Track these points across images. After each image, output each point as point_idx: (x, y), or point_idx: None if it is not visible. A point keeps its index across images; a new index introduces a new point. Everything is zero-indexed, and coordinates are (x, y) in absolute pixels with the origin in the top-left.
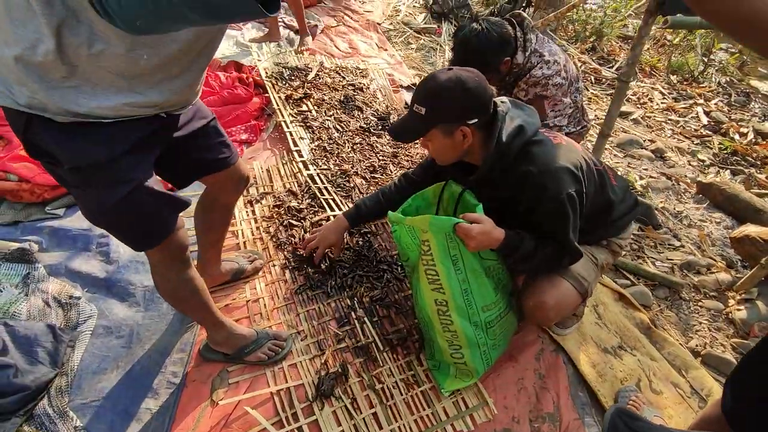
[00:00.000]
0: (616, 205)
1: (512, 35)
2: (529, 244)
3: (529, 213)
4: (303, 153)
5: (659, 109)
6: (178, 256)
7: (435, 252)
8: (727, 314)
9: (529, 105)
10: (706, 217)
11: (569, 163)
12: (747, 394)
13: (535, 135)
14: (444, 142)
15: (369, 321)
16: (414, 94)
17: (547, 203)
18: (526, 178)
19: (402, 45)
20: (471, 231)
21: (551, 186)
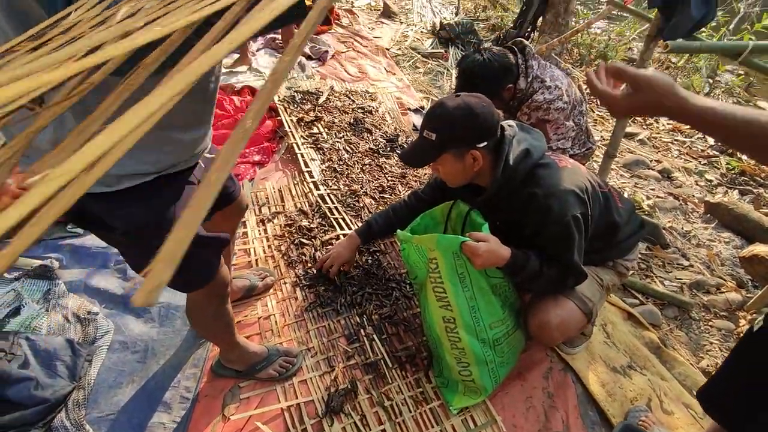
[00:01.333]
0: (622, 226)
1: (514, 63)
2: (534, 263)
3: (534, 235)
4: (314, 174)
5: (665, 130)
6: (220, 292)
7: (443, 270)
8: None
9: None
10: (714, 237)
11: (574, 185)
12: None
13: (541, 158)
14: (455, 166)
15: (378, 338)
16: (424, 120)
17: (553, 225)
18: (532, 200)
19: (410, 69)
20: (477, 249)
21: (556, 208)
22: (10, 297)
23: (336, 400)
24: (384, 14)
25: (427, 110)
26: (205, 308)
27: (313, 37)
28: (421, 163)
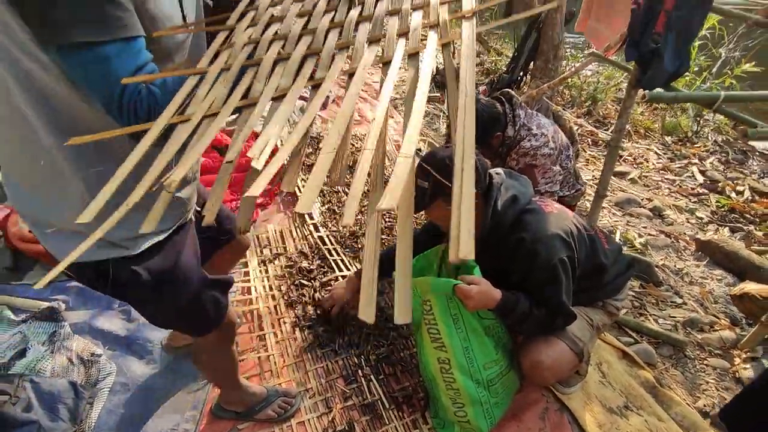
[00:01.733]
0: (609, 267)
1: (501, 113)
2: (524, 305)
3: (523, 278)
4: (314, 215)
5: (655, 169)
6: (230, 334)
7: (436, 312)
8: (733, 373)
9: (522, 173)
10: (707, 274)
11: (560, 229)
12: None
13: (528, 204)
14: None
15: (375, 379)
16: (417, 168)
17: (540, 269)
18: (520, 245)
19: None
20: (469, 292)
21: (543, 253)
22: (16, 339)
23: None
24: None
25: (420, 159)
26: (215, 351)
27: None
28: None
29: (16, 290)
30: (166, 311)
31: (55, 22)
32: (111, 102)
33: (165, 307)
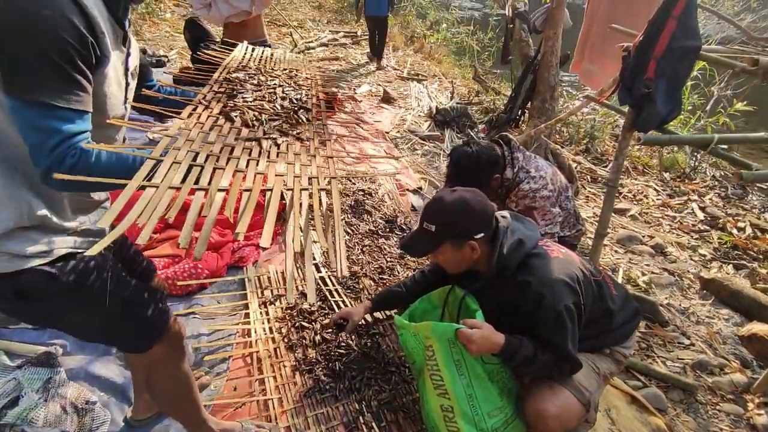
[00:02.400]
0: (616, 313)
1: (500, 155)
2: (528, 348)
3: (528, 323)
4: (315, 256)
5: (655, 205)
6: (177, 349)
7: (439, 357)
8: (747, 419)
9: (522, 214)
10: (713, 314)
11: (566, 275)
12: None
13: (534, 248)
14: (454, 255)
15: (377, 426)
16: (423, 212)
17: (546, 315)
18: (526, 289)
19: (408, 151)
20: (472, 336)
21: (549, 298)
22: (10, 386)
23: None
24: (384, 100)
25: (427, 203)
26: (169, 366)
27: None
28: (420, 253)
29: (13, 335)
30: (95, 320)
31: (26, 80)
32: (42, 147)
33: (93, 314)
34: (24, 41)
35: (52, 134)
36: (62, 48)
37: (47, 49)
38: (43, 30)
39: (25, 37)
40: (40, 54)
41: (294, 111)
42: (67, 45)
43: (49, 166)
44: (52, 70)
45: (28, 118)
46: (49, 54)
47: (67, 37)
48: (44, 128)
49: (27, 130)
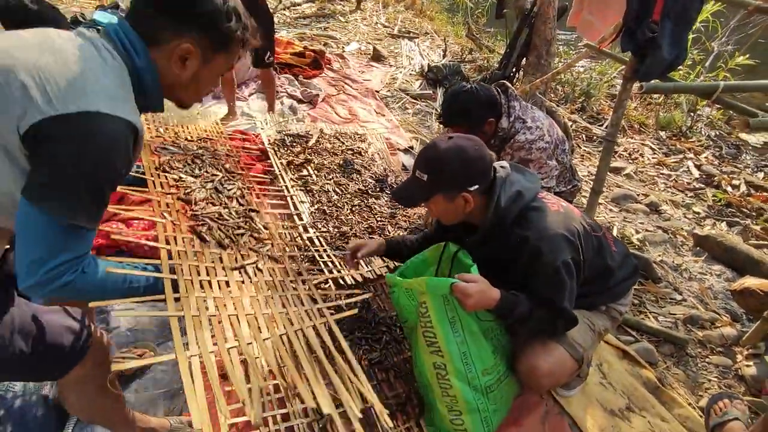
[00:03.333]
0: (615, 271)
1: (499, 100)
2: (524, 305)
3: (525, 278)
4: (303, 216)
5: (651, 164)
6: (102, 359)
7: (432, 314)
8: (736, 370)
9: None
10: (705, 270)
11: (565, 230)
12: None
13: (533, 201)
14: (446, 206)
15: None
16: (416, 160)
17: (543, 270)
18: (523, 244)
19: (399, 110)
20: (468, 290)
21: (547, 253)
22: None
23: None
24: (374, 58)
25: (420, 150)
26: (90, 382)
27: (305, 81)
28: (412, 203)
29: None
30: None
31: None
32: (45, 262)
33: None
34: (82, 168)
35: (64, 252)
36: (115, 180)
37: (103, 181)
38: (106, 164)
39: (85, 165)
40: (93, 184)
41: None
42: (119, 177)
43: (43, 281)
44: (96, 198)
45: (44, 230)
46: (102, 186)
47: (122, 170)
48: (60, 246)
49: (34, 241)
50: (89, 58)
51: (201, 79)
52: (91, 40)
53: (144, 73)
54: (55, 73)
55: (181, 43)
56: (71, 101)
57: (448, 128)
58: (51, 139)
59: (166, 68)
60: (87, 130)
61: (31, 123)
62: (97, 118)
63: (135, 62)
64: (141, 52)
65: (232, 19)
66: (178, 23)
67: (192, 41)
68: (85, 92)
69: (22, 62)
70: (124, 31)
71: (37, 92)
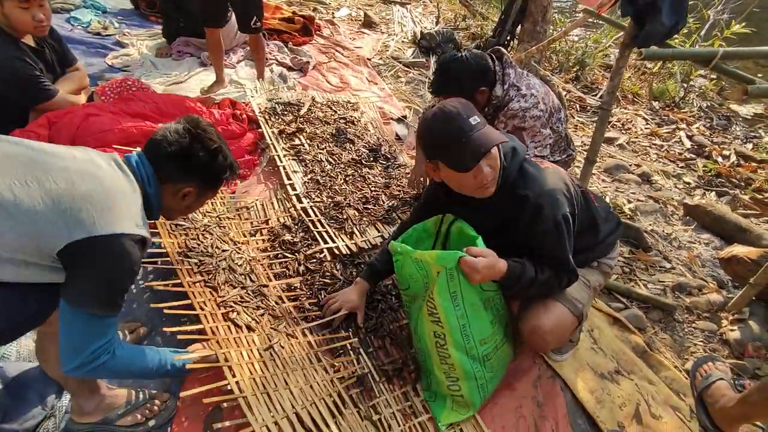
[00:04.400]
0: (601, 224)
1: (492, 68)
2: (530, 271)
3: (527, 236)
4: (296, 186)
5: (643, 134)
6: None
7: (435, 289)
8: (721, 335)
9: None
10: (694, 239)
11: (562, 184)
12: None
13: (525, 159)
14: (452, 175)
15: (365, 352)
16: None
17: (545, 226)
18: (524, 203)
19: (392, 79)
20: (476, 264)
21: (547, 209)
22: None
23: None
24: (365, 24)
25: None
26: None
27: (294, 48)
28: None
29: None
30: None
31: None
32: (83, 348)
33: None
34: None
35: (99, 338)
36: (133, 278)
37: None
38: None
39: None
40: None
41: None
42: (134, 276)
43: (83, 363)
44: (122, 296)
45: (81, 324)
46: (126, 287)
47: (138, 269)
48: (94, 334)
49: (74, 333)
50: (123, 187)
51: (191, 208)
52: (121, 167)
53: (153, 199)
54: (95, 200)
55: (186, 187)
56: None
57: (439, 98)
58: (88, 254)
59: (169, 199)
60: (119, 248)
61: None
62: (124, 238)
63: (147, 190)
64: (153, 185)
65: (227, 171)
66: (191, 175)
67: (194, 186)
68: (120, 217)
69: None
70: (143, 165)
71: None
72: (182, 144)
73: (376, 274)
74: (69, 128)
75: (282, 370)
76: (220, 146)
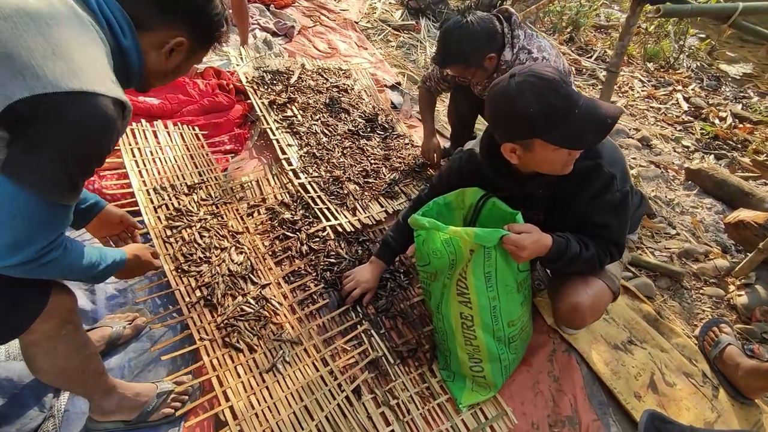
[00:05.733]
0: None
1: (499, 31)
2: (574, 246)
3: (588, 207)
4: (292, 161)
5: (641, 97)
6: (65, 318)
7: (471, 267)
8: (728, 300)
9: None
10: (697, 204)
11: (623, 156)
12: None
13: None
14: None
15: (377, 334)
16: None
17: (611, 197)
18: (595, 172)
19: (382, 43)
20: (521, 241)
21: (620, 178)
22: None
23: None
24: None
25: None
26: (57, 342)
27: (277, 11)
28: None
29: None
30: None
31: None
32: (30, 241)
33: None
34: (76, 147)
35: (53, 230)
36: (103, 157)
37: (94, 159)
38: (99, 143)
39: (79, 144)
40: (85, 163)
41: (261, 296)
42: (107, 153)
43: (28, 260)
44: (85, 176)
45: (27, 209)
46: (92, 164)
47: (111, 146)
48: (46, 224)
49: (15, 220)
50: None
51: (178, 71)
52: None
53: (130, 54)
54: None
55: (175, 35)
56: (65, 79)
57: (444, 69)
58: (41, 118)
59: (152, 57)
60: (82, 109)
61: (16, 98)
62: (90, 97)
63: (120, 41)
64: (128, 33)
65: (223, 24)
66: (180, 18)
67: (185, 35)
68: (80, 71)
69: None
70: (109, 6)
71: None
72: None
73: (390, 251)
74: None
75: (287, 390)
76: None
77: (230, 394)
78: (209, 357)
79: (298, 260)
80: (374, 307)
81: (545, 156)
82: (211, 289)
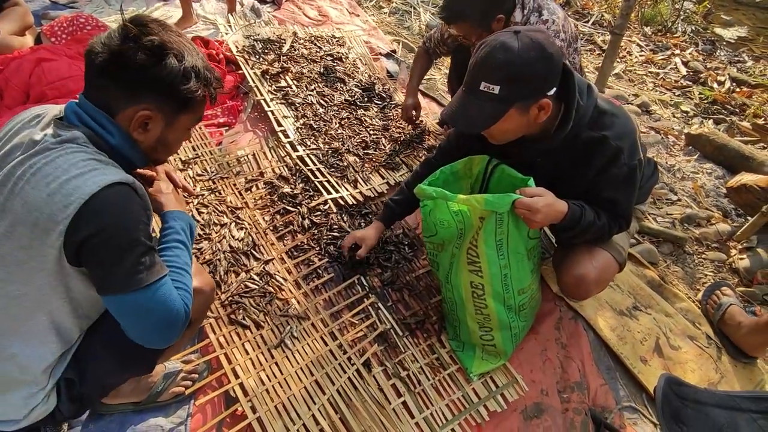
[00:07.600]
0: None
1: None
2: (590, 214)
3: (595, 179)
4: (289, 133)
5: (639, 62)
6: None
7: (482, 235)
8: (730, 264)
9: None
10: (697, 169)
11: (635, 128)
12: None
13: (597, 96)
14: (518, 121)
15: (384, 306)
16: (477, 69)
17: (619, 170)
18: (600, 144)
19: (374, 9)
20: (534, 204)
21: (627, 151)
22: None
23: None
24: None
25: (480, 55)
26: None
27: None
28: (483, 127)
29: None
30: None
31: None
32: (168, 318)
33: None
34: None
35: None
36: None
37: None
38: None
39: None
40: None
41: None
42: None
43: (177, 331)
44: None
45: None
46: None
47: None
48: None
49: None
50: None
51: (168, 140)
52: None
53: (123, 149)
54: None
55: (139, 110)
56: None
57: (448, 27)
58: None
59: (134, 134)
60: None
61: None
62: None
63: (110, 142)
64: (113, 131)
65: (191, 79)
66: (133, 92)
67: (149, 107)
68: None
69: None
70: (87, 111)
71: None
72: (111, 48)
73: (392, 214)
74: (19, 76)
75: (296, 365)
76: (163, 42)
77: (239, 371)
78: (215, 335)
79: (300, 235)
80: (380, 279)
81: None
82: (213, 266)
